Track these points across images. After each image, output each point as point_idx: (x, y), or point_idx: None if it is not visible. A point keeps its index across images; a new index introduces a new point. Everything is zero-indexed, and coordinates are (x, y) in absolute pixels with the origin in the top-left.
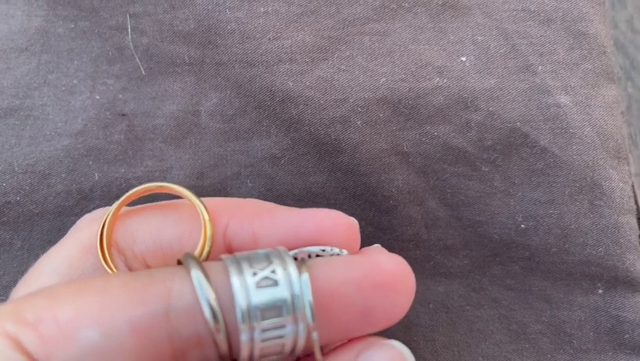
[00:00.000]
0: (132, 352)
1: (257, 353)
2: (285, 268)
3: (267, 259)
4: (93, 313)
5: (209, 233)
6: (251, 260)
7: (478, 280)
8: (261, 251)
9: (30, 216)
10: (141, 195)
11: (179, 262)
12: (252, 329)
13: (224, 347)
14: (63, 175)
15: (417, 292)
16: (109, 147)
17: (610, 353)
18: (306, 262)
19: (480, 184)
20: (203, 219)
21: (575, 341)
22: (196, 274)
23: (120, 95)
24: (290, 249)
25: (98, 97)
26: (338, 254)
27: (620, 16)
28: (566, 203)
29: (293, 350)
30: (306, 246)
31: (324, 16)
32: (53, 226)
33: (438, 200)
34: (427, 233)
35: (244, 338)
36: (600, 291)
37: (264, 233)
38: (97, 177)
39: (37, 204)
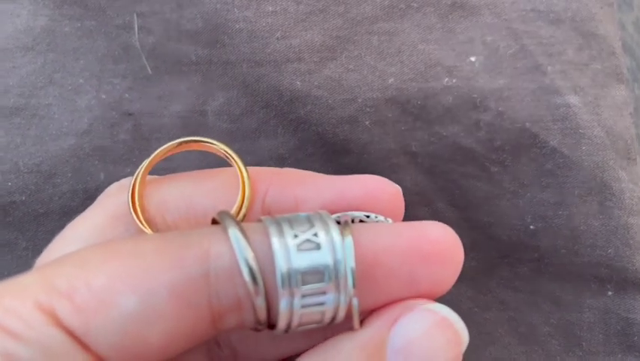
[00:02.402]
0: (171, 317)
1: (296, 321)
2: (327, 232)
3: (309, 221)
4: (128, 278)
5: (247, 192)
6: (292, 222)
7: (486, 282)
8: (303, 214)
9: (35, 216)
10: (175, 151)
11: (214, 222)
12: (292, 295)
13: (262, 312)
14: (69, 175)
15: None
16: (115, 146)
17: (619, 356)
18: (350, 225)
19: (489, 185)
20: (241, 175)
21: (584, 343)
22: (233, 232)
23: (126, 95)
24: (332, 213)
25: (104, 96)
26: (383, 222)
27: (626, 17)
28: (576, 204)
29: (333, 319)
30: (349, 211)
31: (333, 16)
32: (58, 226)
33: (446, 201)
34: None
35: (284, 303)
36: (610, 293)
37: (305, 198)
38: (103, 177)
39: (42, 204)
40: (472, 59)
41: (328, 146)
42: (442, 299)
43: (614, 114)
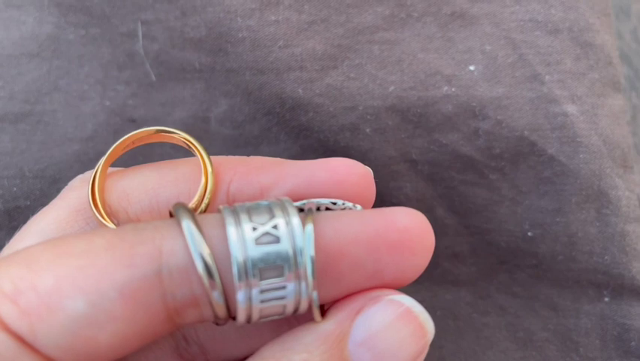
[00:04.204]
0: (122, 318)
1: (256, 314)
2: (287, 222)
3: (269, 211)
4: (76, 279)
5: (210, 181)
6: (251, 212)
7: (485, 288)
8: (264, 202)
9: None
10: (137, 143)
11: (172, 215)
12: (249, 287)
13: (220, 307)
14: None
15: (424, 299)
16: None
17: None
18: (313, 213)
19: (488, 192)
20: (203, 164)
21: (581, 349)
22: (187, 225)
23: (130, 101)
24: (299, 200)
25: (108, 103)
26: (350, 209)
27: (624, 27)
28: (573, 211)
29: (296, 310)
30: (315, 198)
31: (335, 25)
32: None
33: (446, 208)
34: (435, 240)
35: (241, 297)
36: (606, 299)
37: (271, 186)
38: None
39: None
40: (471, 68)
41: (329, 153)
42: (441, 303)
43: (611, 123)
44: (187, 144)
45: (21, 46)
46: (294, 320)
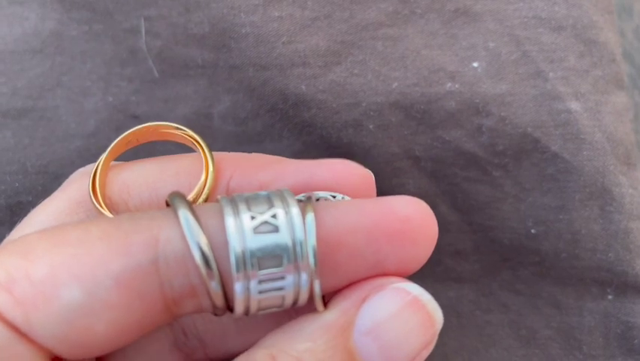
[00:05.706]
0: (119, 307)
1: (254, 305)
2: (287, 212)
3: (268, 201)
4: (71, 268)
5: (210, 175)
6: (249, 202)
7: (488, 285)
8: (263, 192)
9: None
10: (141, 141)
11: (168, 205)
12: (247, 278)
13: (218, 297)
14: None
15: None
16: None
17: (619, 359)
18: (312, 202)
19: (491, 189)
20: (205, 158)
21: (584, 347)
22: (184, 214)
23: (133, 98)
24: (297, 194)
25: (110, 99)
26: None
27: (626, 25)
28: (577, 208)
29: (295, 302)
30: (315, 191)
31: (338, 21)
32: None
33: (449, 204)
34: (438, 237)
35: (239, 288)
36: (610, 297)
37: (271, 183)
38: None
39: None
40: (475, 64)
41: (332, 149)
42: (444, 301)
43: (615, 120)
44: (189, 139)
45: (24, 42)
46: (294, 314)
